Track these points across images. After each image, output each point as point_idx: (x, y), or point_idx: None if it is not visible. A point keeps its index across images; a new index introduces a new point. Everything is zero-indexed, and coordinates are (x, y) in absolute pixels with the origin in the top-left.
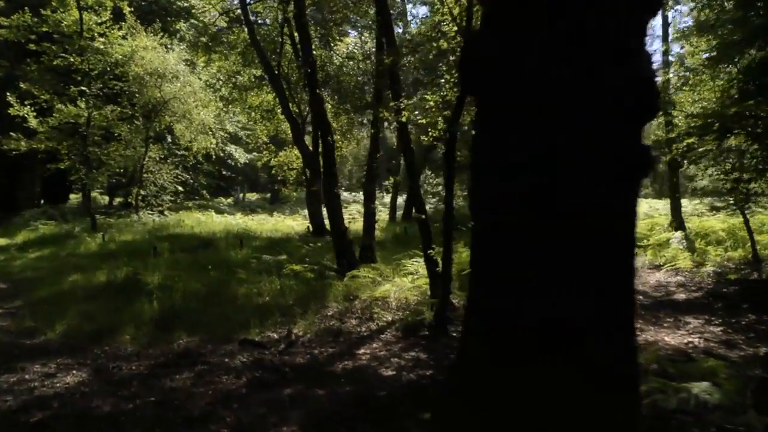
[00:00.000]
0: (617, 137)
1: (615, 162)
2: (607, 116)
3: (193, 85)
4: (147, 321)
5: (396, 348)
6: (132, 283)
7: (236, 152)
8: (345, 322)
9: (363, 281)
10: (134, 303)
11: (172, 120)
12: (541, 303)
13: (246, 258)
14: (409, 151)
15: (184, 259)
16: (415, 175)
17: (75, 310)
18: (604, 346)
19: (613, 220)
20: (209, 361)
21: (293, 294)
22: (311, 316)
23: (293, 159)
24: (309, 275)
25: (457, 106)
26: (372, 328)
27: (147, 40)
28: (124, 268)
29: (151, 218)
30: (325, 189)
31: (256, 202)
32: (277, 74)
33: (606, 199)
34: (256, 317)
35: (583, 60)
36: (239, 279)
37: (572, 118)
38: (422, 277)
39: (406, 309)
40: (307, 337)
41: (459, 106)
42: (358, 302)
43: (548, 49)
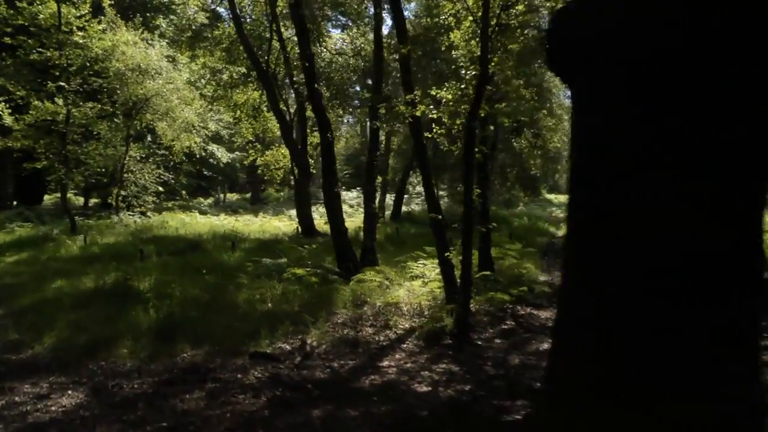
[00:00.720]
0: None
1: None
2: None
3: (176, 82)
4: (145, 331)
5: (422, 359)
6: (122, 290)
7: (218, 151)
8: (360, 330)
9: (370, 285)
10: (128, 311)
11: (154, 118)
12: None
13: (240, 261)
14: (422, 148)
15: (173, 262)
16: (428, 174)
17: (63, 320)
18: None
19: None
20: (220, 377)
21: (297, 300)
22: (322, 324)
23: (280, 158)
24: (313, 279)
25: (476, 100)
26: (390, 337)
27: (129, 34)
28: (112, 273)
29: (133, 219)
30: (325, 188)
31: (236, 202)
32: (265, 70)
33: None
34: (264, 326)
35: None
36: (239, 284)
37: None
38: (433, 281)
39: (420, 315)
40: (322, 348)
41: (478, 100)
42: (368, 308)
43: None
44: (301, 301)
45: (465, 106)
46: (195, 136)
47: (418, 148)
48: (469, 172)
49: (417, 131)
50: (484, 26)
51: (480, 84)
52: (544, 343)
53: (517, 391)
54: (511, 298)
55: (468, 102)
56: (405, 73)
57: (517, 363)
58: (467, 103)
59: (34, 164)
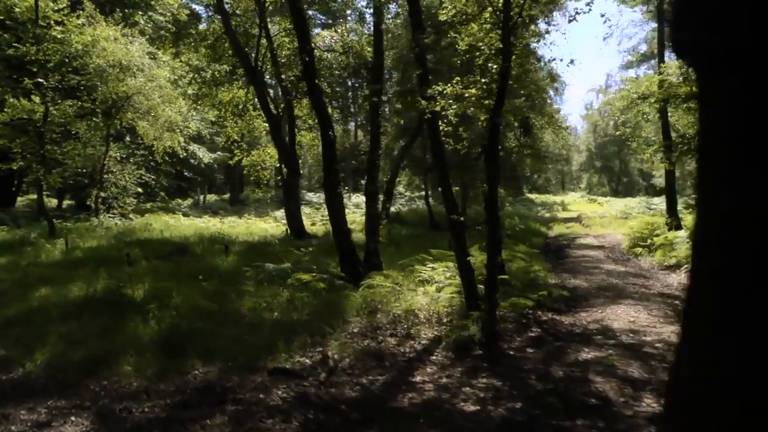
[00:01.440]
0: None
1: None
2: None
3: (158, 80)
4: (148, 345)
5: (456, 373)
6: (115, 298)
7: (200, 151)
8: (381, 340)
9: (381, 291)
10: (125, 322)
11: (136, 117)
12: None
13: (235, 266)
14: (440, 145)
15: (164, 267)
16: (446, 174)
17: (54, 333)
18: None
19: None
20: (240, 397)
21: (305, 307)
22: (339, 334)
23: (266, 158)
24: (320, 285)
25: (500, 95)
26: (416, 348)
27: (109, 29)
28: (101, 280)
29: (114, 222)
30: (327, 188)
31: (216, 203)
32: (254, 67)
33: None
34: (278, 338)
35: None
36: (240, 291)
37: None
38: (448, 286)
39: (440, 323)
40: (346, 362)
41: (501, 94)
42: (383, 316)
43: None
44: (309, 308)
45: (488, 101)
46: (179, 135)
47: (435, 146)
48: (493, 171)
49: (434, 128)
50: (505, 18)
51: (503, 78)
52: (581, 352)
53: (573, 408)
54: (534, 304)
55: (490, 97)
56: (421, 67)
57: (561, 376)
58: (489, 98)
59: (10, 165)
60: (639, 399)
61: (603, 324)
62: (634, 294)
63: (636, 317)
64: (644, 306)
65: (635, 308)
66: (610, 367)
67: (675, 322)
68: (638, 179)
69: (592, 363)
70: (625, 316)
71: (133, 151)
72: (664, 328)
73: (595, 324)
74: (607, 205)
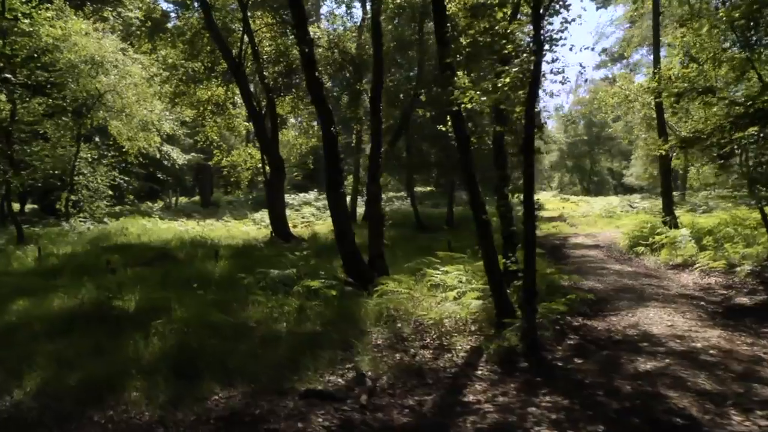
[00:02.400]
0: None
1: None
2: None
3: (133, 77)
4: (154, 366)
5: (511, 389)
6: (105, 311)
7: (173, 152)
8: (414, 354)
9: (397, 298)
10: (122, 339)
11: (109, 115)
12: None
13: (227, 272)
14: (467, 141)
15: (150, 275)
16: (472, 173)
17: (43, 354)
18: None
19: None
20: (275, 428)
21: (319, 317)
22: (365, 347)
23: (246, 158)
24: (332, 293)
25: (533, 85)
26: (455, 361)
27: (81, 23)
28: (83, 290)
29: (86, 226)
30: (329, 187)
31: (188, 206)
32: (238, 62)
33: None
34: (299, 354)
35: None
36: (244, 300)
37: None
38: (471, 292)
39: (470, 332)
40: (384, 381)
41: (535, 84)
42: (404, 325)
43: None
44: (323, 318)
45: (522, 91)
46: (154, 135)
47: (462, 142)
48: (529, 165)
49: (460, 122)
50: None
51: (537, 67)
52: (636, 362)
53: (663, 430)
54: (567, 309)
55: (523, 87)
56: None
57: (630, 391)
58: (521, 88)
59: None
60: (726, 416)
61: (641, 329)
62: (655, 296)
63: (672, 321)
64: (673, 308)
65: (665, 311)
66: (677, 379)
67: (715, 326)
68: (608, 178)
69: (656, 375)
70: (658, 320)
71: (104, 152)
72: (706, 332)
73: (632, 329)
74: (587, 205)
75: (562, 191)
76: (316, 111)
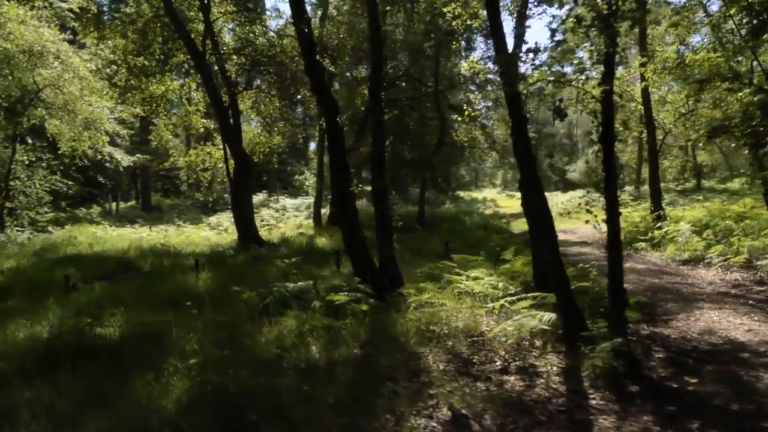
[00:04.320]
0: None
1: None
2: None
3: (77, 69)
4: (187, 418)
5: (652, 425)
6: (87, 342)
7: (117, 153)
8: (501, 382)
9: (434, 311)
10: (127, 380)
11: (49, 113)
12: None
13: (215, 286)
14: (524, 121)
15: (121, 292)
16: (533, 164)
17: (24, 405)
18: None
19: None
20: None
21: (354, 339)
22: (432, 375)
23: (206, 157)
24: (362, 307)
25: (609, 62)
26: (555, 389)
27: (16, 8)
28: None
29: (25, 236)
30: (336, 187)
31: (130, 211)
32: (202, 52)
33: None
34: (361, 389)
35: None
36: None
37: None
38: (521, 302)
39: (540, 349)
40: (488, 421)
41: (611, 62)
42: (457, 343)
43: None
44: (357, 339)
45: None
46: (102, 135)
47: (519, 128)
48: (609, 155)
49: (518, 105)
50: None
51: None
52: (763, 378)
53: None
54: (639, 316)
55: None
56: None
57: None
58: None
59: None
60: None
61: (721, 336)
62: (696, 295)
63: (748, 325)
64: (731, 309)
65: (724, 312)
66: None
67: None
68: (551, 174)
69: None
70: (727, 324)
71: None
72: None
73: (710, 336)
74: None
75: (506, 188)
76: (318, 101)
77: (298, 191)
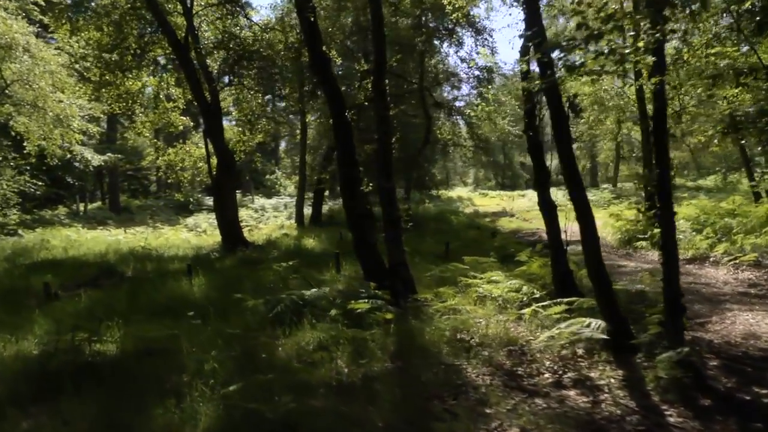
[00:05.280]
0: None
1: None
2: None
3: (48, 63)
4: None
5: None
6: (86, 359)
7: (87, 152)
8: (561, 398)
9: (464, 318)
10: (142, 405)
11: (17, 110)
12: None
13: (213, 293)
14: (564, 120)
15: (108, 300)
16: (572, 157)
17: None
18: None
19: None
20: None
21: (382, 351)
22: (478, 390)
23: (185, 156)
24: (387, 315)
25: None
26: (624, 404)
27: None
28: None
29: None
30: (345, 186)
31: (98, 212)
32: (184, 44)
33: None
34: (412, 412)
35: None
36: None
37: None
38: (554, 307)
39: (584, 359)
40: None
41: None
42: (495, 354)
43: None
44: (386, 351)
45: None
46: (75, 132)
47: (560, 122)
48: (662, 143)
49: (557, 98)
50: None
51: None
52: None
53: None
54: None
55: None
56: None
57: None
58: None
59: None
60: None
61: (767, 340)
62: (719, 296)
63: None
64: (763, 311)
65: (760, 315)
66: None
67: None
68: (522, 173)
69: None
70: (767, 327)
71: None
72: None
73: (755, 340)
74: (522, 199)
75: (478, 186)
76: (325, 92)
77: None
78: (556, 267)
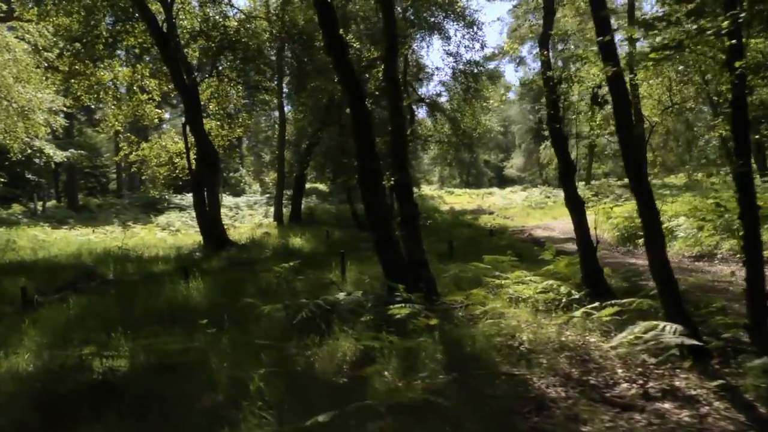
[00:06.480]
0: None
1: None
2: None
3: (13, 50)
4: None
5: None
6: (98, 379)
7: (48, 148)
8: (662, 413)
9: (511, 323)
10: None
11: None
12: None
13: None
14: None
15: (97, 306)
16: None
17: None
18: None
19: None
20: None
21: (433, 362)
22: (559, 405)
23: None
24: (431, 321)
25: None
26: (733, 419)
27: None
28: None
29: None
30: (363, 180)
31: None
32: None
33: None
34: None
35: None
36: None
37: None
38: (606, 308)
39: (653, 366)
40: None
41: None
42: (553, 361)
43: None
44: (434, 361)
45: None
46: (40, 126)
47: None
48: (745, 144)
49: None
50: None
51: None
52: None
53: None
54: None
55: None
56: None
57: None
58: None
59: None
60: None
61: None
62: None
63: None
64: None
65: None
66: None
67: None
68: (486, 171)
69: None
70: None
71: None
72: None
73: None
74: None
75: (443, 185)
76: (342, 81)
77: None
78: (587, 266)
